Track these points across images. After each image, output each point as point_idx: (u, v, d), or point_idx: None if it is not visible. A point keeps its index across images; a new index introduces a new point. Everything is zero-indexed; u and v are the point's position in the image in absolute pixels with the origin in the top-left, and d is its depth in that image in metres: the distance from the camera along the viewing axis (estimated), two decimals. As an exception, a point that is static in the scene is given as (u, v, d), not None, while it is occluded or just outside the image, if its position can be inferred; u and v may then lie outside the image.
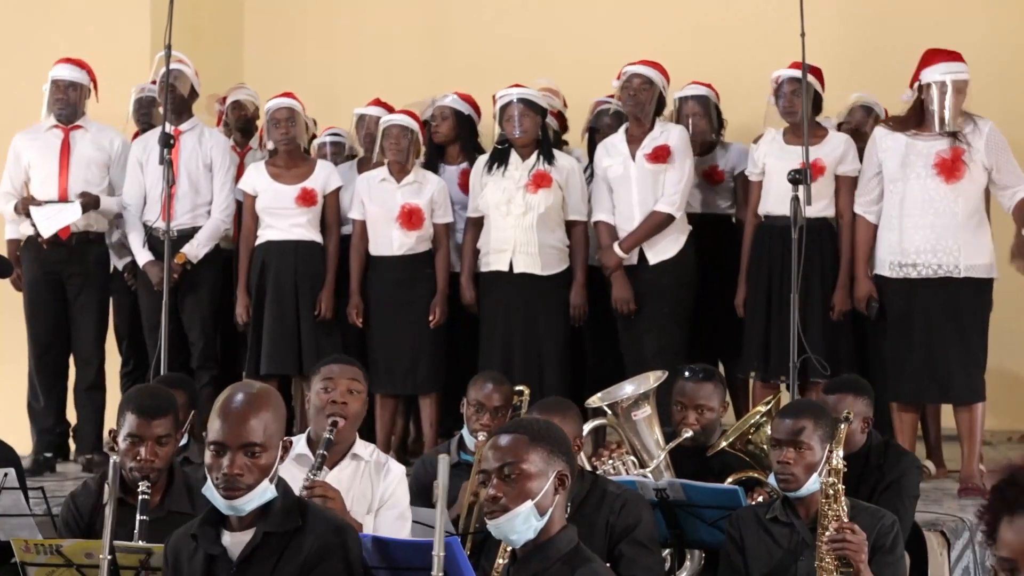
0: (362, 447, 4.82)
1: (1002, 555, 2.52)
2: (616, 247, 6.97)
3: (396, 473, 4.81)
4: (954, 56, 6.49)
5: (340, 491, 4.53)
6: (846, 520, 4.35)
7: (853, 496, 4.52)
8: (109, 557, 3.55)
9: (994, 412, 6.76)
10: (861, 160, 6.84)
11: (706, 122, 7.41)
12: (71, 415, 7.68)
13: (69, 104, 7.44)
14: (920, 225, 6.44)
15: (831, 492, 4.42)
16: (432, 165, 7.50)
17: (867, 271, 6.65)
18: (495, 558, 3.93)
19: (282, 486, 3.50)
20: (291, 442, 4.10)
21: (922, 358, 6.50)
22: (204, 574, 3.43)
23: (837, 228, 6.88)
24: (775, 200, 6.84)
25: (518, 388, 6.04)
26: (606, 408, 5.62)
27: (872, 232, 6.64)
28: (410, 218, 7.19)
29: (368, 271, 7.29)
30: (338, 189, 7.40)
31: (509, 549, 3.45)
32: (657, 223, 6.97)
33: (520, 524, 3.28)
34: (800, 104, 6.71)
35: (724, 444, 5.38)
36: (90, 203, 7.26)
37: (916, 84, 6.57)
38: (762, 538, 4.57)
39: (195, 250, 7.33)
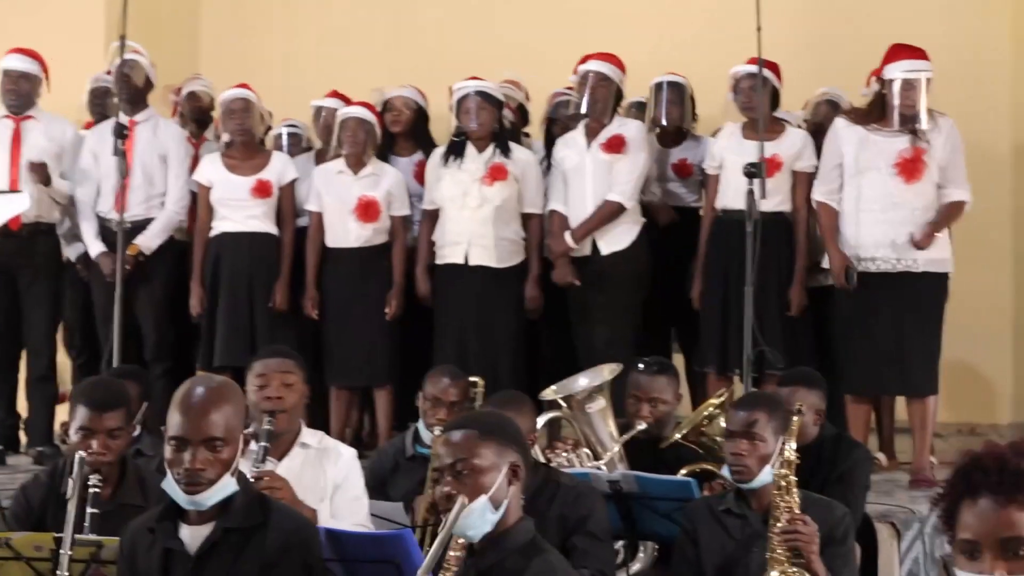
0: (309, 435, 4.81)
1: (964, 537, 2.52)
2: (567, 236, 6.99)
3: (347, 456, 4.80)
4: (919, 53, 6.52)
5: (290, 481, 4.53)
6: (798, 512, 4.37)
7: (805, 488, 4.55)
8: (69, 553, 3.51)
9: (945, 405, 6.83)
10: (820, 155, 6.89)
11: (679, 110, 7.45)
12: (22, 408, 7.63)
13: (20, 95, 7.37)
14: (879, 220, 6.47)
15: (783, 484, 4.45)
16: (383, 156, 7.49)
17: (838, 247, 6.62)
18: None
19: (243, 481, 3.48)
20: (252, 435, 4.10)
21: (881, 351, 6.54)
22: (161, 568, 3.40)
23: (793, 223, 6.92)
24: (733, 194, 6.87)
25: (473, 379, 6.04)
26: (560, 401, 5.63)
27: (835, 216, 6.65)
28: (367, 210, 7.18)
29: (324, 263, 7.28)
30: (294, 181, 7.38)
31: (464, 542, 3.44)
32: (609, 213, 6.99)
33: (476, 519, 3.28)
34: (759, 99, 6.75)
35: (677, 436, 5.40)
36: (42, 179, 7.18)
37: (878, 78, 6.61)
38: (715, 530, 4.59)
39: (148, 241, 7.28)
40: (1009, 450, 2.53)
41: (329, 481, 4.74)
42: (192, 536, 3.41)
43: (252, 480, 4.33)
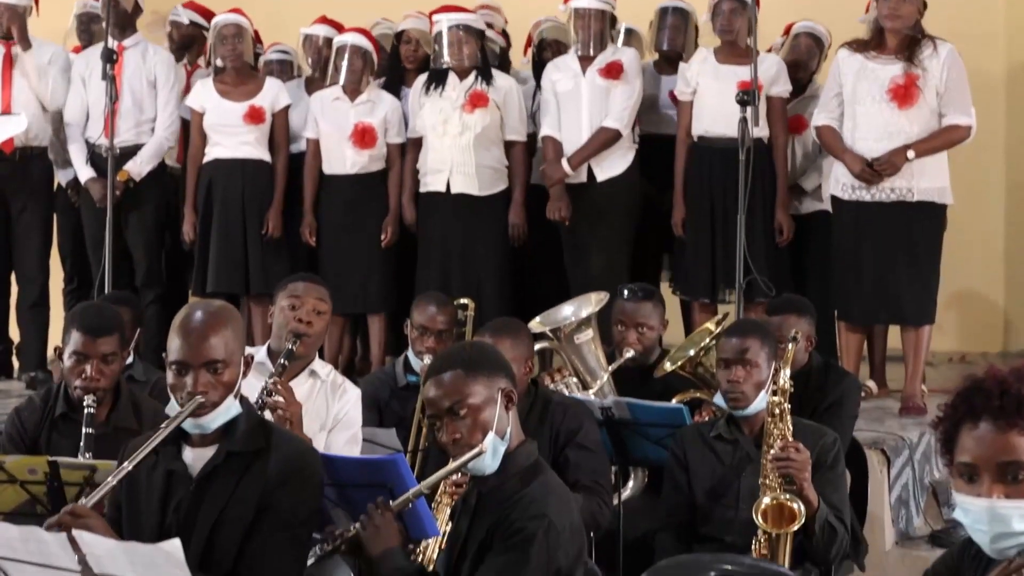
0: (320, 366, 4.85)
1: (963, 460, 2.56)
2: (564, 163, 6.96)
3: (352, 395, 4.84)
4: None
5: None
6: (791, 439, 4.40)
7: (793, 416, 4.57)
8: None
9: (936, 334, 6.83)
10: (793, 84, 6.88)
11: (682, 38, 7.42)
12: (13, 333, 7.63)
13: (10, 21, 7.30)
14: (874, 149, 6.43)
15: (777, 411, 4.47)
16: (394, 87, 7.45)
17: (850, 151, 6.51)
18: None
19: (246, 406, 3.49)
20: (252, 356, 4.09)
21: (873, 280, 6.54)
22: (162, 489, 3.41)
23: (772, 149, 6.89)
24: (711, 120, 6.85)
25: (463, 301, 6.04)
26: (548, 332, 5.62)
27: (838, 135, 6.59)
28: (363, 137, 7.16)
29: (320, 190, 7.27)
30: (287, 107, 7.34)
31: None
32: (606, 140, 6.96)
33: (489, 458, 3.30)
34: (738, 23, 6.72)
35: (671, 367, 5.41)
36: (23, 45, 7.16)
37: (872, 4, 6.58)
38: (706, 455, 4.62)
39: (138, 167, 7.25)
40: (1011, 375, 2.56)
41: (331, 414, 4.77)
42: (194, 458, 3.42)
43: (265, 389, 4.38)
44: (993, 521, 2.52)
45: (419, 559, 3.89)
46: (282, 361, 4.62)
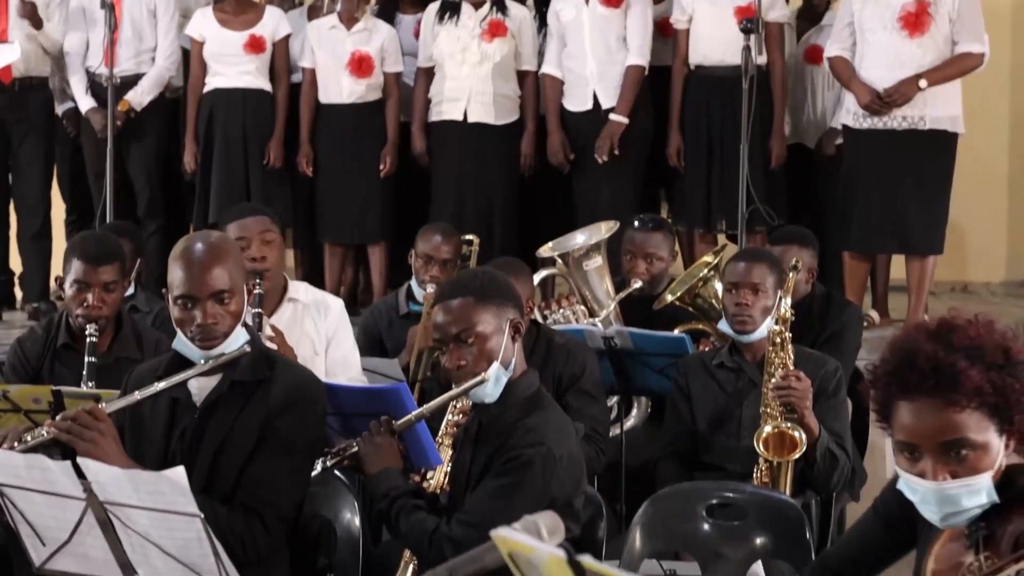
0: (295, 289, 4.81)
1: (902, 439, 2.46)
2: (615, 116, 6.87)
3: (335, 309, 4.82)
4: None
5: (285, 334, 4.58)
6: (792, 368, 4.41)
7: (795, 345, 4.58)
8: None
9: (938, 263, 6.84)
10: (808, 13, 6.81)
11: None
12: (14, 264, 7.63)
13: None
14: (885, 78, 6.39)
15: (778, 340, 4.47)
16: (388, 14, 7.40)
17: (860, 81, 6.49)
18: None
19: (252, 335, 3.49)
20: (255, 284, 4.09)
21: (882, 209, 6.53)
22: (167, 416, 3.42)
23: (769, 76, 6.85)
24: (708, 48, 6.81)
25: (467, 237, 6.04)
26: (557, 258, 5.63)
27: (850, 65, 6.56)
28: (360, 66, 7.12)
29: (318, 120, 7.23)
30: (287, 36, 7.29)
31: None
32: (637, 77, 6.89)
33: (491, 387, 3.31)
34: None
35: (671, 298, 5.41)
36: (33, 20, 7.08)
37: None
38: (708, 383, 4.63)
39: (139, 97, 7.21)
40: (940, 347, 2.42)
41: (321, 335, 4.76)
42: (199, 387, 3.42)
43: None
44: (943, 503, 2.43)
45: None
46: (256, 311, 4.51)
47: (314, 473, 3.44)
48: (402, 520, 3.28)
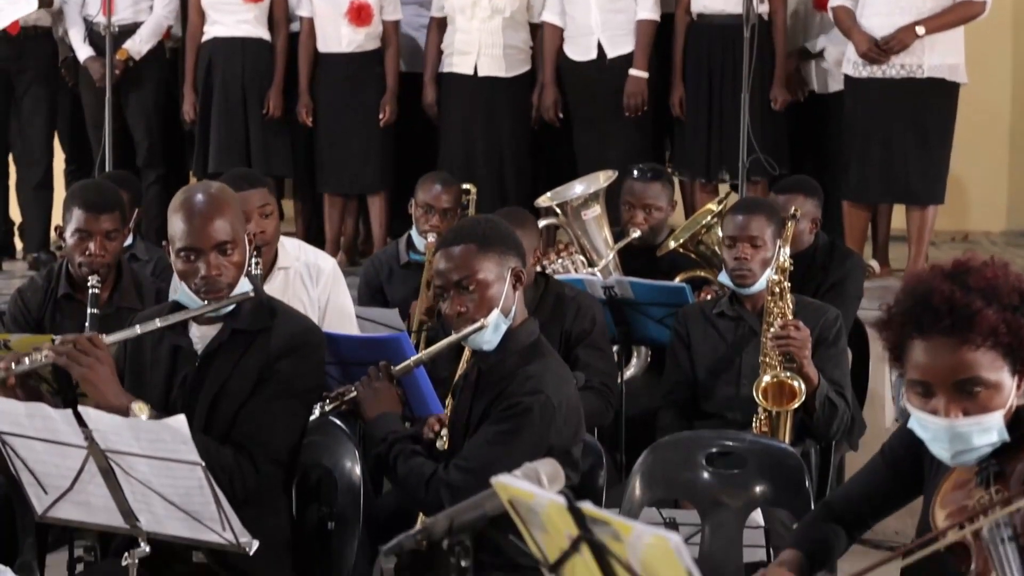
0: (284, 255, 4.78)
1: (915, 378, 2.50)
2: (635, 72, 6.82)
3: (328, 271, 4.81)
4: None
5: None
6: (791, 317, 4.41)
7: (796, 294, 4.58)
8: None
9: (940, 212, 6.83)
10: None
11: None
12: (14, 215, 7.63)
13: None
14: (884, 25, 6.34)
15: (777, 290, 4.48)
16: None
17: (859, 30, 6.42)
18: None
19: (255, 283, 3.48)
20: (255, 235, 4.07)
21: (882, 158, 6.50)
22: (168, 364, 3.43)
23: (771, 24, 6.81)
24: None
25: (465, 186, 6.02)
26: (556, 208, 5.63)
27: (852, 14, 6.50)
28: (359, 14, 7.07)
29: (316, 69, 7.20)
30: (285, -16, 7.26)
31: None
32: (650, 32, 6.85)
33: (490, 334, 3.31)
34: None
35: (674, 245, 5.41)
36: None
37: None
38: (708, 332, 4.64)
39: (137, 46, 7.18)
40: (957, 287, 2.45)
41: (313, 301, 4.75)
42: (201, 335, 3.43)
43: None
44: (954, 440, 2.47)
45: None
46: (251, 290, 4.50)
47: (313, 417, 3.45)
48: (400, 464, 3.29)
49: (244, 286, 3.41)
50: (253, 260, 4.49)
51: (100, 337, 3.31)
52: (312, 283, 4.76)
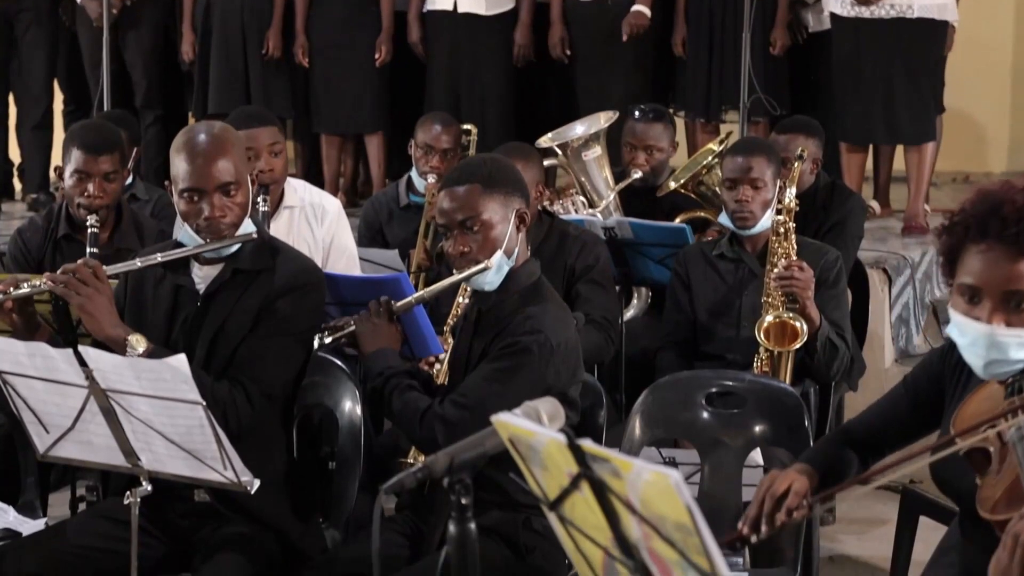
0: (291, 194, 4.78)
1: (967, 282, 2.54)
2: (638, 7, 6.79)
3: (332, 212, 4.80)
4: None
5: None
6: (795, 258, 4.41)
7: (797, 235, 4.58)
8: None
9: (940, 153, 6.82)
10: None
11: None
12: (13, 155, 7.61)
13: None
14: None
15: (782, 230, 4.47)
16: None
17: None
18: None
19: (258, 225, 3.47)
20: (261, 200, 4.06)
21: (871, 99, 6.50)
22: (169, 303, 3.42)
23: None
24: None
25: (466, 127, 6.00)
26: (556, 149, 5.61)
27: None
28: (355, -47, 7.04)
29: (313, 9, 7.15)
30: (281, -77, 7.20)
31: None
32: None
33: (494, 275, 3.31)
34: None
35: (675, 185, 5.40)
36: None
37: None
38: (708, 274, 4.63)
39: (135, -16, 7.15)
40: None
41: (318, 240, 4.74)
42: (203, 276, 3.42)
43: None
44: (991, 348, 2.51)
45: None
46: (254, 232, 4.49)
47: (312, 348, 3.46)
48: (395, 398, 3.28)
49: (248, 227, 3.40)
50: (261, 198, 4.52)
51: (100, 267, 3.31)
52: (317, 223, 4.75)
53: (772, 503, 2.74)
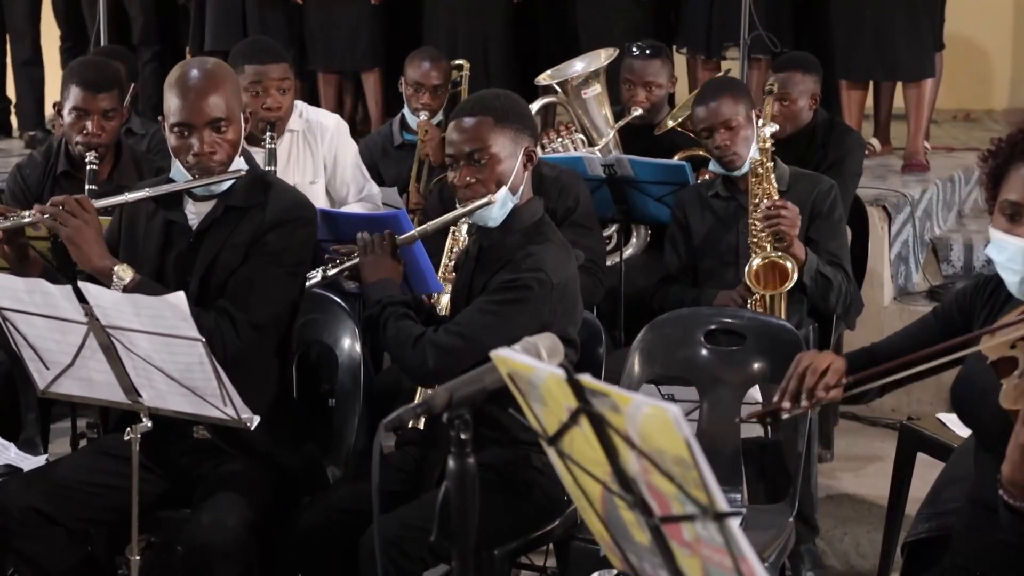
0: (291, 118, 4.76)
1: (1010, 198, 2.58)
2: None
3: (331, 128, 4.80)
4: None
5: (282, 164, 4.55)
6: (777, 198, 4.39)
7: (792, 165, 4.56)
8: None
9: (940, 90, 6.79)
10: None
11: None
12: (11, 93, 7.58)
13: None
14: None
15: (760, 171, 4.45)
16: None
17: None
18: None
19: (250, 161, 3.46)
20: (268, 138, 4.04)
21: (870, 36, 6.47)
22: (161, 238, 3.42)
23: None
24: None
25: (458, 62, 5.96)
26: (556, 86, 5.57)
27: None
28: None
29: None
30: None
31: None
32: None
33: (497, 210, 3.30)
34: None
35: (672, 124, 5.37)
36: None
37: None
38: (705, 215, 4.61)
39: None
40: None
41: (319, 160, 4.74)
42: (196, 211, 3.42)
43: None
44: None
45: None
46: (270, 168, 4.45)
47: (315, 280, 3.46)
48: (390, 325, 3.29)
49: (239, 165, 3.39)
50: (268, 135, 4.51)
51: (89, 200, 3.31)
52: (317, 141, 4.75)
53: (814, 378, 2.73)
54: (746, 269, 4.36)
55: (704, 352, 3.81)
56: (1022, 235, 2.55)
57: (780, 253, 4.33)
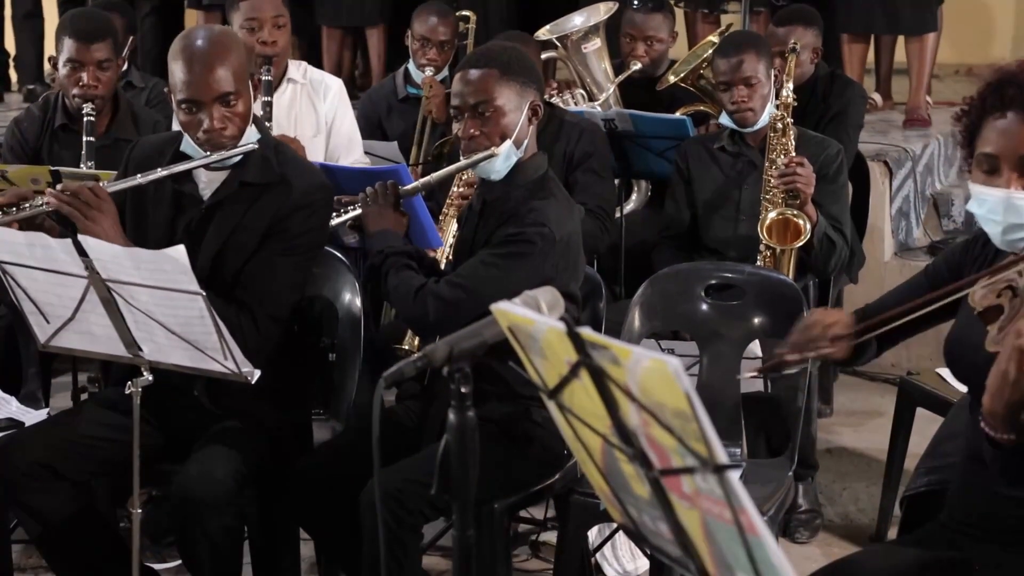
0: (294, 69, 4.78)
1: (985, 151, 2.58)
2: None
3: (335, 89, 4.79)
4: None
5: (282, 116, 4.56)
6: (794, 154, 4.38)
7: (799, 126, 4.55)
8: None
9: (942, 45, 6.76)
10: None
11: None
12: (9, 46, 7.54)
13: None
14: None
15: (780, 126, 4.44)
16: None
17: None
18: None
19: (263, 131, 3.41)
20: (259, 78, 4.04)
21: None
22: (171, 206, 3.37)
23: None
24: None
25: (464, 14, 5.93)
26: (555, 41, 5.55)
27: None
28: None
29: None
30: None
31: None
32: None
33: (500, 163, 3.29)
34: None
35: (674, 79, 5.35)
36: None
37: None
38: (709, 167, 4.61)
39: None
40: None
41: (321, 116, 4.73)
42: (207, 181, 3.37)
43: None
44: (1008, 211, 2.54)
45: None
46: (266, 99, 4.49)
47: None
48: (391, 275, 3.29)
49: (251, 135, 3.34)
50: (264, 68, 4.52)
51: (101, 187, 3.26)
52: (320, 99, 4.75)
53: (821, 330, 2.75)
54: (760, 222, 4.35)
55: (704, 307, 3.81)
56: (1000, 186, 2.55)
57: (795, 211, 4.33)
